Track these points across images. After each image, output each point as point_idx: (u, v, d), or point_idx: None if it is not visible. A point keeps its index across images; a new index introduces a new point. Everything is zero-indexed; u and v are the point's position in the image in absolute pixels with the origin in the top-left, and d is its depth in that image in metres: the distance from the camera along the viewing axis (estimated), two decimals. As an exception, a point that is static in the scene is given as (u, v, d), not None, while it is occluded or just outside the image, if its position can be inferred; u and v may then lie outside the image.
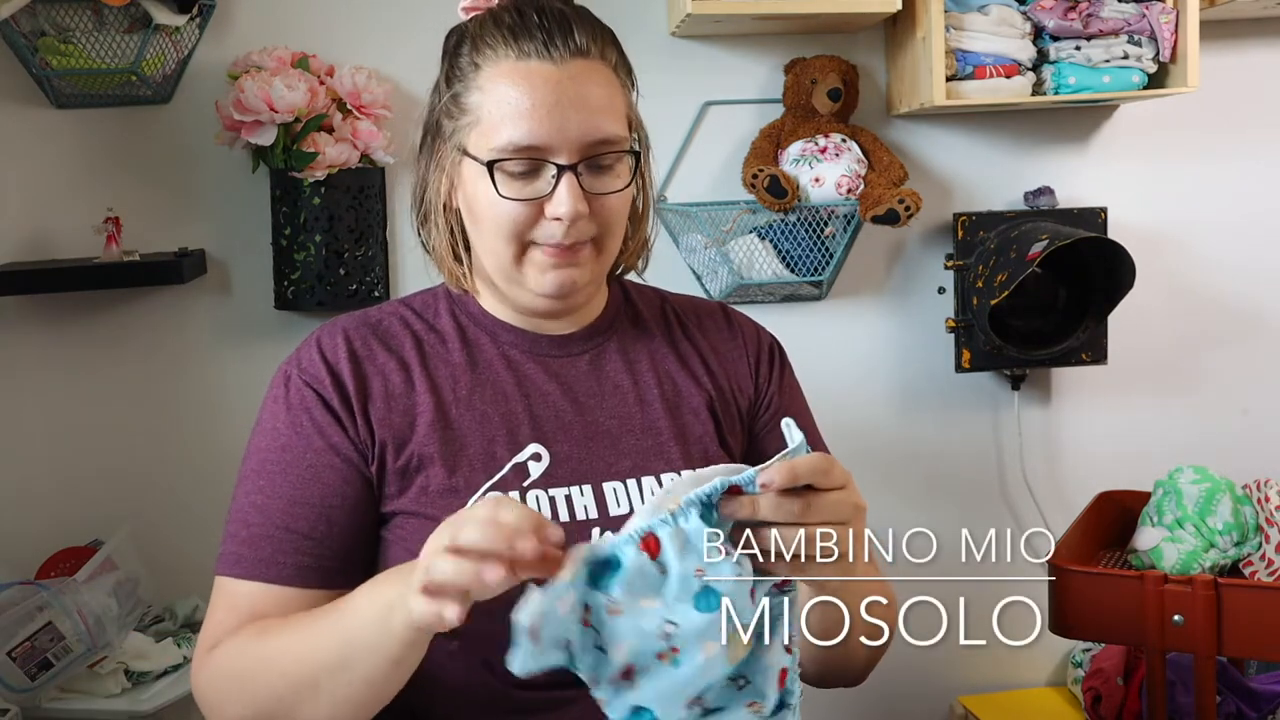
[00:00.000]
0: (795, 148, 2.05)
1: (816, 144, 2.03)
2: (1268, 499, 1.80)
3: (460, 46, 1.07)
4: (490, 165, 1.02)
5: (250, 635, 1.01)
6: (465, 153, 1.06)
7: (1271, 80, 2.30)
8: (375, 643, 0.90)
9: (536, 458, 1.06)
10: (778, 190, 1.97)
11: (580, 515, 1.04)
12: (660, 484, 1.07)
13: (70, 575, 1.77)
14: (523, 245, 1.05)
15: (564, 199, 1.02)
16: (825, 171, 2.00)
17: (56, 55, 1.85)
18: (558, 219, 1.02)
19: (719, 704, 0.84)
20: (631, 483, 1.07)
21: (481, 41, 1.05)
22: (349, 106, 1.92)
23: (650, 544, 0.80)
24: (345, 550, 1.04)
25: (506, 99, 1.02)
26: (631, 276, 1.23)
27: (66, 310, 1.98)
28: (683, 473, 1.04)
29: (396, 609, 0.87)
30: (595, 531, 1.03)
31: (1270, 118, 2.30)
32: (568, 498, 1.05)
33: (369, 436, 1.05)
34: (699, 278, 2.10)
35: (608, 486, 1.06)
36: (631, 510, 1.03)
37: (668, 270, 2.03)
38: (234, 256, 2.03)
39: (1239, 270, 2.31)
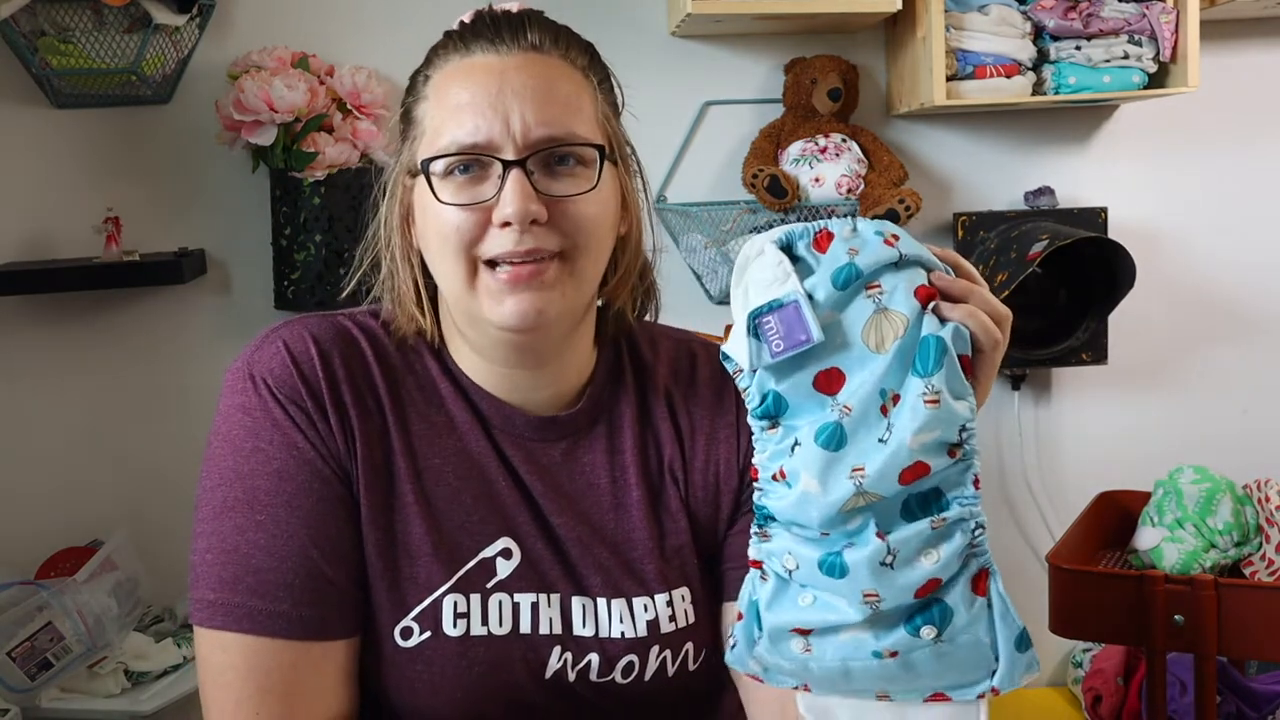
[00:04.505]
0: (795, 148, 2.04)
1: (816, 144, 2.03)
2: (1268, 499, 1.80)
3: (417, 71, 0.97)
4: (425, 166, 0.89)
5: None
6: (412, 172, 0.93)
7: (1271, 80, 2.29)
8: None
9: (506, 554, 0.94)
10: (778, 190, 1.97)
11: (544, 629, 0.93)
12: (630, 608, 0.95)
13: (70, 575, 1.77)
14: (473, 263, 0.89)
15: (511, 196, 0.86)
16: (825, 171, 2.00)
17: (56, 55, 1.85)
18: (506, 223, 0.87)
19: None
20: (601, 602, 0.95)
21: (433, 54, 0.95)
22: (349, 106, 1.92)
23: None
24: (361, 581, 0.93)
25: (449, 99, 0.90)
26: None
27: (66, 310, 1.98)
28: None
29: None
30: (555, 650, 0.93)
31: (1270, 118, 2.30)
32: (534, 605, 0.93)
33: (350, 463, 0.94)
34: (699, 278, 2.10)
35: (576, 601, 0.95)
36: (596, 633, 0.94)
37: (668, 270, 2.01)
38: (234, 256, 2.03)
39: (1239, 270, 2.31)
